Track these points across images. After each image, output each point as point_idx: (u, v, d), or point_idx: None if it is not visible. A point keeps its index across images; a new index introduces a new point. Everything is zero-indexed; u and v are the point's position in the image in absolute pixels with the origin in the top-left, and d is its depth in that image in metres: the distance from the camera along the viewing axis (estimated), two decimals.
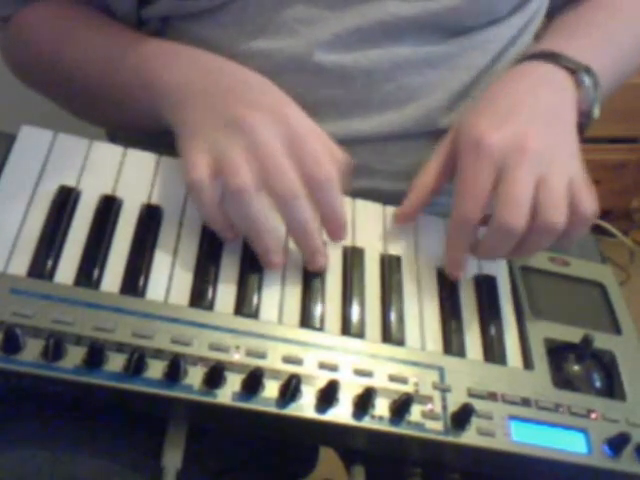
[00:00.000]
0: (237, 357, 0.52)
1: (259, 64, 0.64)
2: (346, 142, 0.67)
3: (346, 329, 0.56)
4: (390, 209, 0.65)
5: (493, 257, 0.60)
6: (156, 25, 0.67)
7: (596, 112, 0.65)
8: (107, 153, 0.62)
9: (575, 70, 0.65)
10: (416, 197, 0.63)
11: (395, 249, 0.62)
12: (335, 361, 0.54)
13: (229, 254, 0.58)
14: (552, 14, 0.76)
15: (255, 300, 0.56)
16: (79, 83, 0.67)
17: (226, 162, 0.55)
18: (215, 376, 0.50)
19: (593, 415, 0.56)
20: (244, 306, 0.55)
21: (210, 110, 0.57)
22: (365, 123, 0.67)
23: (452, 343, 0.58)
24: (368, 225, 0.64)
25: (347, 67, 0.65)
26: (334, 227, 0.58)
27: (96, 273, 0.54)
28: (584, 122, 0.65)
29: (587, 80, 0.65)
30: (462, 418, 0.53)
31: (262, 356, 0.53)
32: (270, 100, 0.58)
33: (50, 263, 0.54)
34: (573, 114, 0.64)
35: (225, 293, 0.56)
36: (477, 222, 0.57)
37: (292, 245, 0.60)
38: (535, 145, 0.58)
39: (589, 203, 0.58)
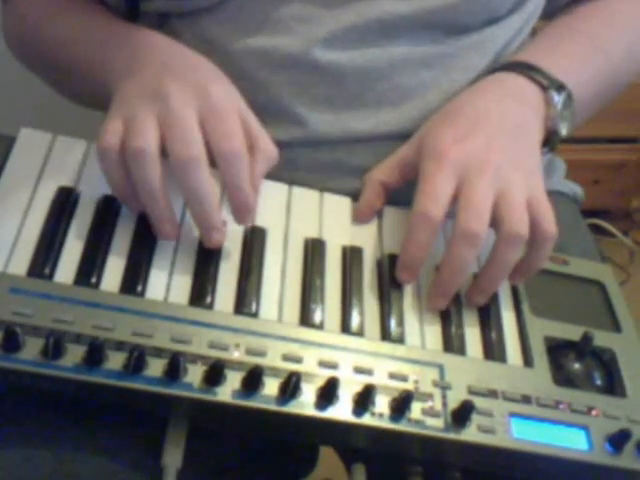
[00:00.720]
0: (237, 355, 0.52)
1: (256, 62, 0.64)
2: (344, 141, 0.67)
3: (346, 327, 0.56)
4: (388, 208, 0.65)
5: (462, 271, 0.58)
6: (155, 20, 0.68)
7: (563, 130, 0.65)
8: None
9: (547, 87, 0.64)
10: (369, 192, 0.64)
11: (394, 248, 0.62)
12: (335, 359, 0.54)
13: (228, 253, 0.58)
14: (550, 17, 0.76)
15: (255, 299, 0.56)
16: (59, 62, 0.68)
17: (131, 125, 0.55)
18: (215, 374, 0.50)
19: (594, 412, 0.56)
20: (244, 305, 0.55)
21: (140, 83, 0.58)
22: (362, 122, 0.67)
23: (452, 341, 0.58)
24: (366, 224, 0.64)
25: (343, 65, 0.65)
26: (237, 205, 0.57)
27: (96, 272, 0.54)
28: (551, 138, 0.65)
29: (557, 98, 0.64)
30: (462, 415, 0.53)
31: (262, 354, 0.53)
32: (199, 76, 0.58)
33: (50, 263, 0.54)
34: (538, 130, 0.64)
35: (225, 292, 0.56)
36: (438, 221, 0.57)
37: (291, 245, 0.60)
38: (497, 159, 0.59)
39: (550, 220, 0.58)
